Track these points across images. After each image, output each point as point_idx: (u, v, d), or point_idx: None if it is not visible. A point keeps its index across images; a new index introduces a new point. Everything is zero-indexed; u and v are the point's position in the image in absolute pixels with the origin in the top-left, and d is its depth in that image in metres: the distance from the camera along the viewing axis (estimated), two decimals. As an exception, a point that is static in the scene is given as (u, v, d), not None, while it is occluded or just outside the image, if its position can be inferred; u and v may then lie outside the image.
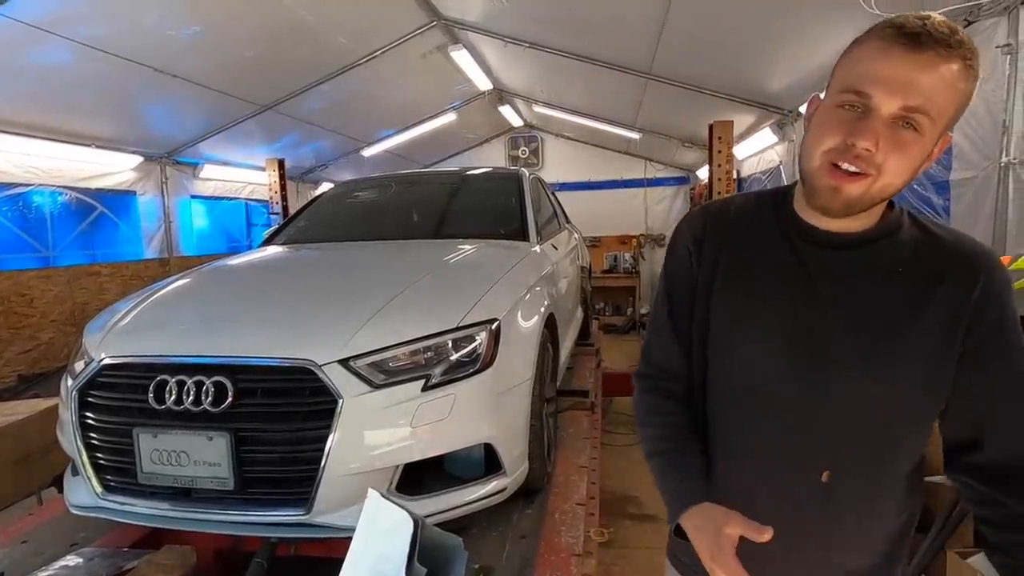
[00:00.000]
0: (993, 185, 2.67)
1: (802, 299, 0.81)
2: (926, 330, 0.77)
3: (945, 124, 0.72)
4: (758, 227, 0.87)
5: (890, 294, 0.78)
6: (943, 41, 0.67)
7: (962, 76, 0.69)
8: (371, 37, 5.33)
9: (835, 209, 0.76)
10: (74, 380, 1.73)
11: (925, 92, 0.68)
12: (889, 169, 0.71)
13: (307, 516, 1.51)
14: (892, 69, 0.69)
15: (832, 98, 0.75)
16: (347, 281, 2.10)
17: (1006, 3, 2.52)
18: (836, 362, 0.79)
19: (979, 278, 0.76)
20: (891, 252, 0.80)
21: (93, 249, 5.70)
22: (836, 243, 0.81)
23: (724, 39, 4.28)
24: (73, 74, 4.23)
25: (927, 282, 0.77)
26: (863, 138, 0.70)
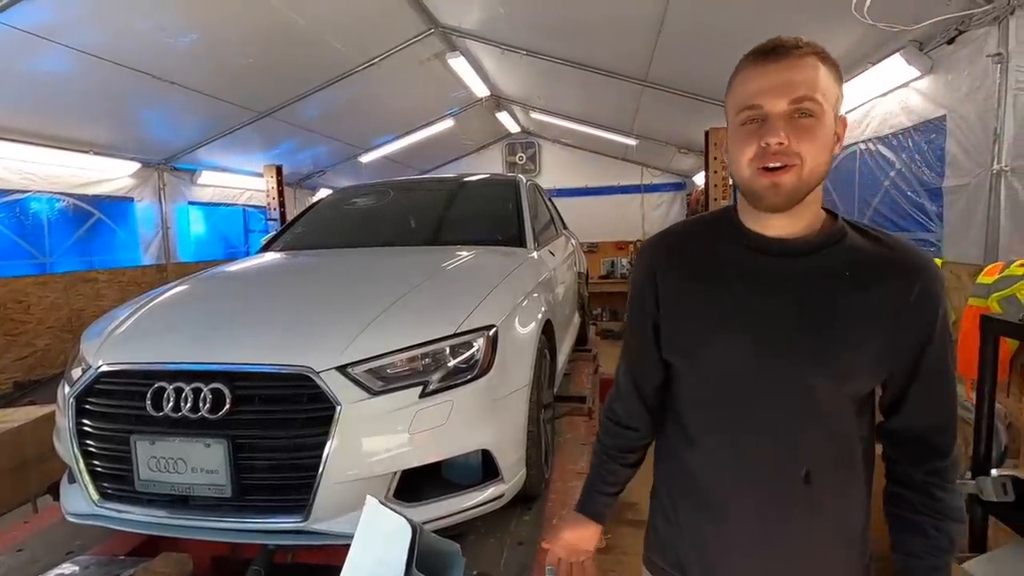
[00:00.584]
0: (985, 192, 2.70)
1: (758, 307, 0.88)
2: (871, 328, 0.84)
3: (832, 106, 0.83)
4: (712, 245, 0.94)
5: (837, 298, 0.85)
6: (793, 46, 0.82)
7: (822, 65, 0.82)
8: (369, 44, 5.36)
9: (780, 203, 0.84)
10: (71, 387, 1.73)
11: (801, 84, 0.80)
12: (807, 153, 0.81)
13: (305, 523, 1.51)
14: (767, 79, 0.82)
15: (735, 120, 0.86)
16: (345, 288, 2.10)
17: (996, 13, 2.56)
18: (795, 363, 0.86)
19: (916, 281, 0.84)
20: (837, 258, 0.87)
21: (90, 255, 5.69)
22: (786, 251, 0.88)
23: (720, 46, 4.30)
24: (71, 81, 4.24)
25: (871, 285, 0.85)
26: (772, 136, 0.80)
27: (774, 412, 0.88)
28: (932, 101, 3.19)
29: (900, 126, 3.55)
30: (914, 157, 3.42)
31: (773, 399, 0.87)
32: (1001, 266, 2.48)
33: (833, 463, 0.88)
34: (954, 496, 0.89)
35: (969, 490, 1.77)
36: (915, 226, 3.47)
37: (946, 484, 0.88)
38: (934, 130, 3.21)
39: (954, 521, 0.88)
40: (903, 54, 3.17)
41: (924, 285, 0.84)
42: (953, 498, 0.89)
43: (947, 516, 0.88)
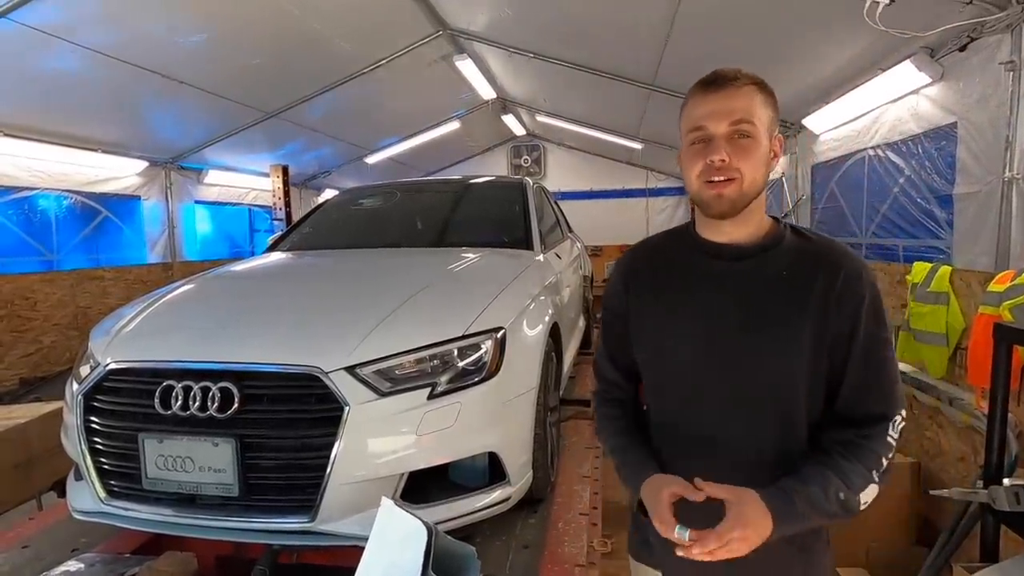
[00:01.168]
0: (997, 200, 2.68)
1: (704, 305, 1.02)
2: (804, 327, 0.96)
3: (768, 126, 0.97)
4: (673, 253, 1.10)
5: (776, 294, 0.98)
6: (731, 77, 0.97)
7: (758, 93, 0.97)
8: (377, 46, 5.37)
9: (725, 210, 0.98)
10: (79, 384, 1.73)
11: (739, 110, 0.95)
12: (745, 168, 0.95)
13: (311, 523, 1.51)
14: (710, 105, 0.97)
15: (685, 141, 1.01)
16: (353, 288, 2.10)
17: (1008, 20, 2.55)
18: (740, 352, 0.98)
19: (838, 275, 0.96)
20: (776, 260, 1.01)
21: (97, 253, 5.71)
22: (733, 255, 1.02)
23: (728, 52, 4.31)
24: (80, 79, 4.26)
25: (805, 281, 0.97)
26: (715, 154, 0.95)
27: (724, 396, 1.00)
28: (943, 108, 3.17)
29: (910, 133, 3.53)
30: (924, 164, 3.40)
31: (722, 385, 1.00)
32: (1013, 274, 2.46)
33: (782, 442, 0.98)
34: (881, 446, 0.94)
35: (981, 499, 1.75)
36: (925, 233, 3.46)
37: (877, 441, 0.95)
38: (944, 137, 3.20)
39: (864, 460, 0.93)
40: (914, 60, 3.16)
41: (848, 275, 0.96)
42: (879, 445, 0.94)
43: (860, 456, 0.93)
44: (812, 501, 0.89)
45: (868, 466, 0.92)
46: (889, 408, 0.96)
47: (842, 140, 4.49)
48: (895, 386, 0.98)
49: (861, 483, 0.91)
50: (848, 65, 3.78)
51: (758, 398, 0.98)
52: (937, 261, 3.16)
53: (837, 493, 0.90)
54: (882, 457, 0.94)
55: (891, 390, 0.97)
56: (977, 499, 1.78)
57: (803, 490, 0.90)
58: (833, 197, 4.80)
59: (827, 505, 0.89)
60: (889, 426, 0.95)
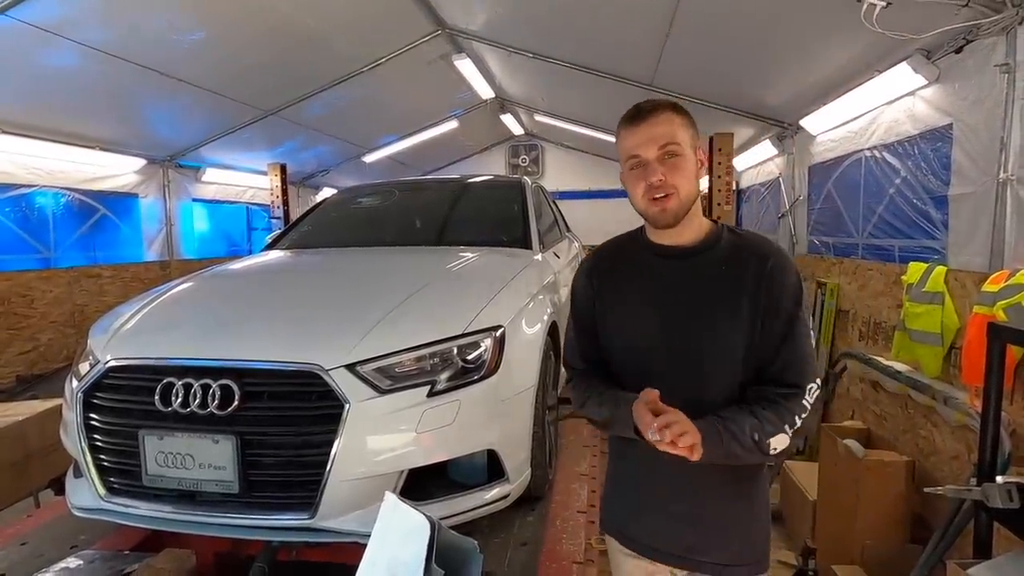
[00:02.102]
0: (991, 201, 2.70)
1: (658, 297, 1.20)
2: (741, 305, 1.13)
3: (690, 143, 1.15)
4: (628, 254, 1.28)
5: (714, 286, 1.16)
6: (652, 108, 1.15)
7: (676, 117, 1.15)
8: (376, 45, 5.37)
9: (670, 221, 1.16)
10: (79, 382, 1.73)
11: (663, 136, 1.13)
12: (679, 183, 1.13)
13: (311, 520, 1.51)
14: (639, 136, 1.14)
15: (625, 166, 1.19)
16: (352, 287, 2.11)
17: (1004, 23, 2.56)
18: (690, 335, 1.16)
19: (767, 263, 1.14)
20: (714, 257, 1.18)
21: (94, 251, 5.69)
22: (676, 254, 1.20)
23: (726, 53, 4.33)
24: (78, 77, 4.25)
25: (739, 272, 1.15)
26: (653, 176, 1.13)
27: (679, 374, 1.16)
28: (938, 109, 3.19)
29: (906, 134, 3.55)
30: (920, 165, 3.42)
31: (677, 364, 1.16)
32: (1007, 274, 2.48)
33: (726, 404, 1.13)
34: (796, 407, 1.10)
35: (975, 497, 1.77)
36: (920, 233, 3.47)
37: (793, 402, 1.10)
38: (940, 138, 3.22)
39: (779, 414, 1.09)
40: (910, 62, 3.18)
41: (774, 263, 1.14)
42: (794, 406, 1.10)
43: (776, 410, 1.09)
44: (732, 432, 1.06)
45: (781, 419, 1.09)
46: (802, 378, 1.12)
47: (839, 141, 4.51)
48: (809, 359, 1.15)
49: (772, 430, 1.08)
50: (845, 66, 3.79)
51: (707, 370, 1.15)
52: (932, 261, 3.18)
53: (752, 433, 1.07)
54: (795, 415, 1.10)
55: (805, 362, 1.14)
56: (971, 497, 1.80)
57: (728, 424, 1.07)
58: (830, 198, 4.82)
59: (743, 438, 1.06)
60: (804, 392, 1.12)
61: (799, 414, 1.11)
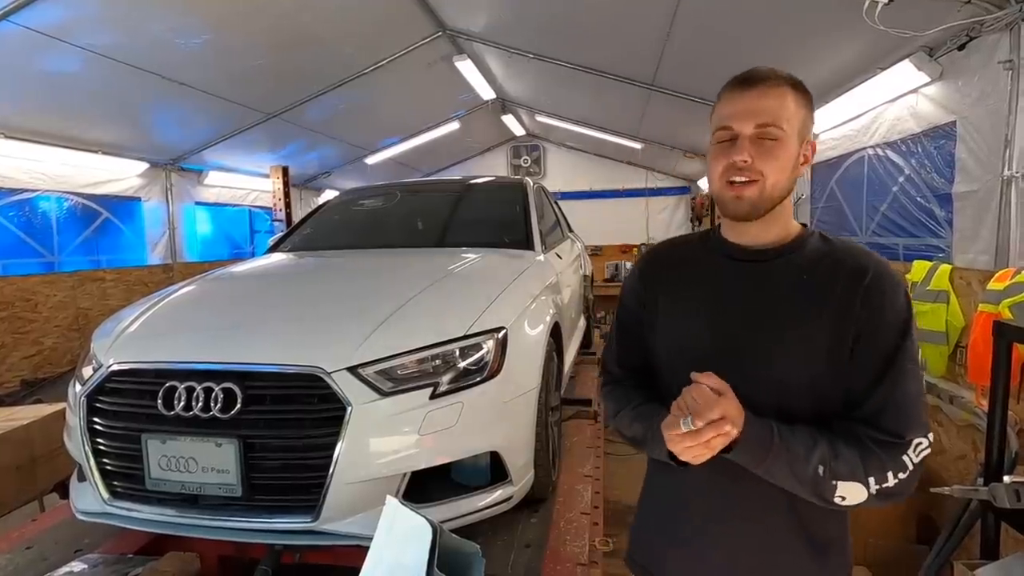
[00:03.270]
0: (996, 198, 2.69)
1: (717, 305, 1.00)
2: (822, 326, 0.92)
3: (798, 129, 0.95)
4: (693, 254, 1.09)
5: (795, 296, 0.95)
6: (765, 76, 0.94)
7: (790, 94, 0.94)
8: (377, 47, 5.38)
9: (743, 212, 0.96)
10: (83, 386, 1.73)
11: (767, 112, 0.93)
12: (768, 171, 0.93)
13: (314, 523, 1.51)
14: (739, 104, 0.95)
15: (712, 139, 1.00)
16: (354, 289, 2.11)
17: (1007, 19, 2.55)
18: (749, 352, 0.95)
19: (863, 278, 0.92)
20: (795, 263, 0.97)
21: (97, 255, 5.71)
22: (751, 257, 1.00)
23: (727, 52, 4.32)
24: (81, 81, 4.27)
25: (824, 285, 0.94)
26: (738, 154, 0.93)
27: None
28: (942, 107, 3.18)
29: (909, 131, 3.53)
30: (923, 163, 3.40)
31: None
32: (1012, 272, 2.46)
33: None
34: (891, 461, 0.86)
35: (981, 496, 1.76)
36: (924, 232, 3.46)
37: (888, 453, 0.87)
38: (944, 136, 3.20)
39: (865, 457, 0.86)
40: (913, 60, 3.16)
41: (873, 278, 0.92)
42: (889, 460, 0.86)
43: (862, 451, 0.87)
44: (790, 450, 0.86)
45: (866, 466, 0.86)
46: (904, 427, 0.87)
47: (841, 139, 4.50)
48: (915, 403, 0.89)
49: (846, 472, 0.85)
50: (847, 64, 3.78)
51: (766, 401, 0.92)
52: (937, 259, 3.16)
53: (817, 465, 0.85)
54: (887, 471, 0.86)
55: (910, 407, 0.89)
56: (978, 496, 1.79)
57: (788, 438, 0.86)
58: (833, 196, 4.80)
59: (801, 467, 0.85)
60: (906, 446, 0.87)
61: (894, 471, 0.86)
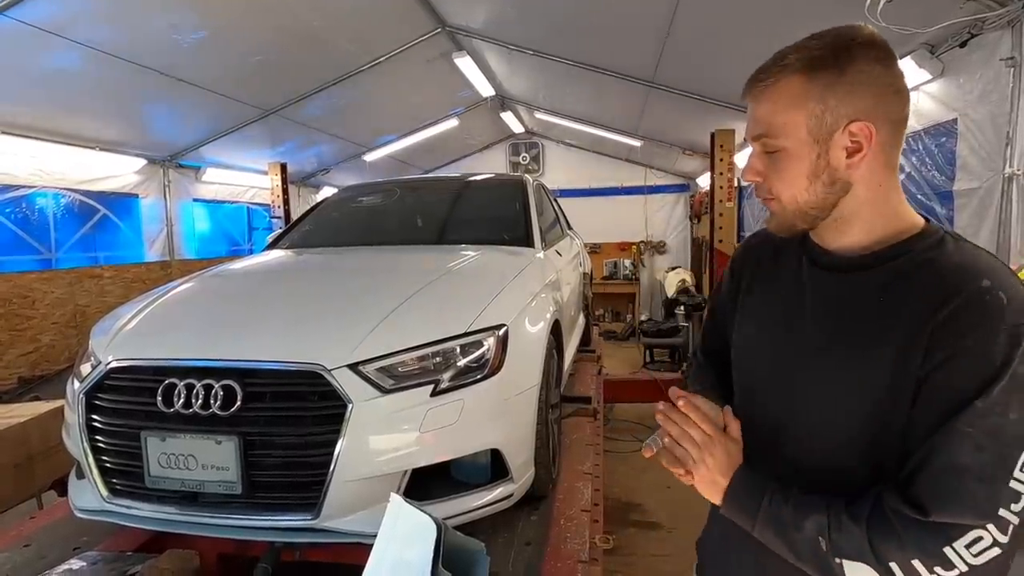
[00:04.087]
0: (997, 196, 2.69)
1: (785, 318, 0.86)
2: (888, 356, 0.72)
3: (810, 126, 0.75)
4: (784, 254, 0.92)
5: (865, 315, 0.76)
6: (764, 71, 0.78)
7: (797, 83, 0.75)
8: (376, 43, 5.35)
9: (775, 229, 0.84)
10: (81, 383, 1.72)
11: (759, 120, 0.78)
12: (777, 189, 0.79)
13: (315, 521, 1.51)
14: (748, 110, 0.81)
15: None
16: (355, 286, 2.10)
17: (1009, 16, 2.55)
18: (791, 384, 0.82)
19: (946, 303, 0.68)
20: (879, 279, 0.76)
21: (95, 251, 5.69)
22: (834, 266, 0.82)
23: (727, 49, 4.31)
24: (79, 77, 4.24)
25: (901, 303, 0.73)
26: (747, 172, 0.82)
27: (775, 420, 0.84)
28: (943, 104, 3.17)
29: (910, 129, 3.51)
30: (924, 160, 3.40)
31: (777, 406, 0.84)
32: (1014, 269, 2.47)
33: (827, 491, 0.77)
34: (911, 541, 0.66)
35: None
36: (924, 229, 3.47)
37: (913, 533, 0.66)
38: (944, 133, 3.20)
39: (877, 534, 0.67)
40: (914, 57, 3.16)
41: (960, 306, 0.68)
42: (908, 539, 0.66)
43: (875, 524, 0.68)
44: (780, 508, 0.74)
45: (875, 543, 0.67)
46: (936, 502, 0.65)
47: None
48: (965, 478, 0.65)
49: (849, 550, 0.68)
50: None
51: (810, 446, 0.79)
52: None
53: (814, 536, 0.70)
54: (911, 557, 0.66)
55: (956, 480, 0.65)
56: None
57: (781, 500, 0.74)
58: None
59: (792, 536, 0.72)
60: (943, 531, 0.65)
61: (925, 561, 0.65)
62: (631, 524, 3.52)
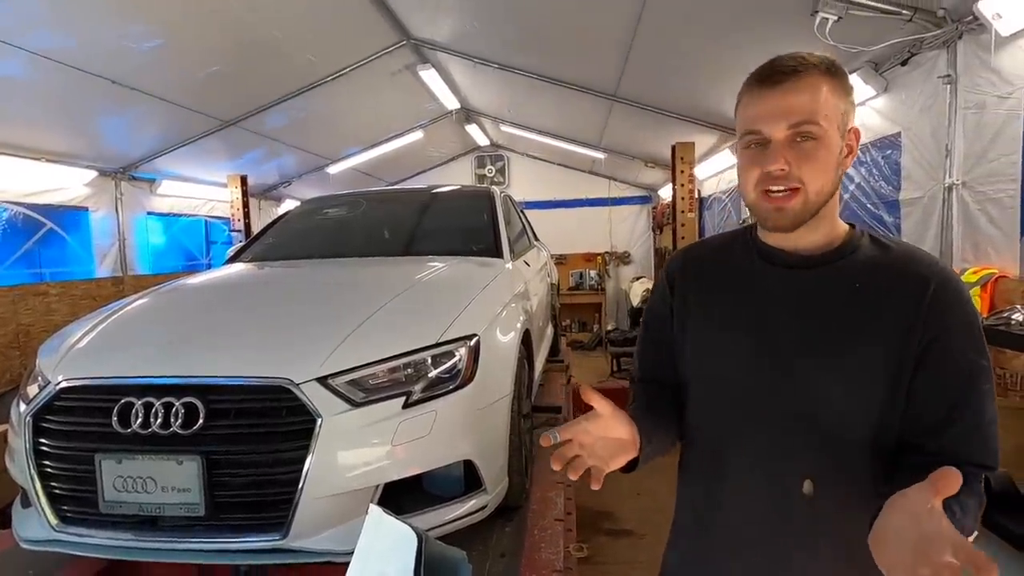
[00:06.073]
0: (939, 205, 2.85)
1: (760, 318, 0.89)
2: (882, 339, 0.81)
3: (839, 121, 0.83)
4: (730, 258, 0.97)
5: (847, 309, 0.84)
6: (794, 67, 0.82)
7: (825, 82, 0.82)
8: (339, 55, 5.31)
9: (785, 224, 0.85)
10: (28, 405, 1.63)
11: (800, 109, 0.81)
12: (809, 177, 0.82)
13: (283, 541, 1.45)
14: (767, 104, 0.83)
15: (740, 143, 0.88)
16: (322, 298, 2.06)
17: (945, 37, 2.72)
18: (799, 377, 0.84)
19: (927, 286, 0.82)
20: (849, 270, 0.86)
21: (40, 267, 5.40)
22: (796, 263, 0.89)
23: (687, 64, 4.45)
24: (24, 85, 4.05)
25: (882, 294, 0.83)
26: (772, 164, 0.82)
27: (773, 426, 0.86)
28: (888, 119, 3.36)
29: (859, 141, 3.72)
30: (872, 171, 3.58)
31: (772, 413, 0.86)
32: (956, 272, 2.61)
33: (835, 477, 0.83)
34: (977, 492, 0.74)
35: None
36: (874, 237, 3.64)
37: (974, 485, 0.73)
38: (890, 146, 3.38)
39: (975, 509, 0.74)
40: (860, 74, 3.33)
41: (939, 286, 0.81)
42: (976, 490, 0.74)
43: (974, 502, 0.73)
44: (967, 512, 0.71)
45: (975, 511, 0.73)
46: (987, 456, 0.77)
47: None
48: (993, 429, 0.79)
49: (972, 525, 0.72)
50: (798, 78, 3.95)
51: (814, 430, 0.82)
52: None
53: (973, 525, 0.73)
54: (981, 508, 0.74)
55: (989, 434, 0.79)
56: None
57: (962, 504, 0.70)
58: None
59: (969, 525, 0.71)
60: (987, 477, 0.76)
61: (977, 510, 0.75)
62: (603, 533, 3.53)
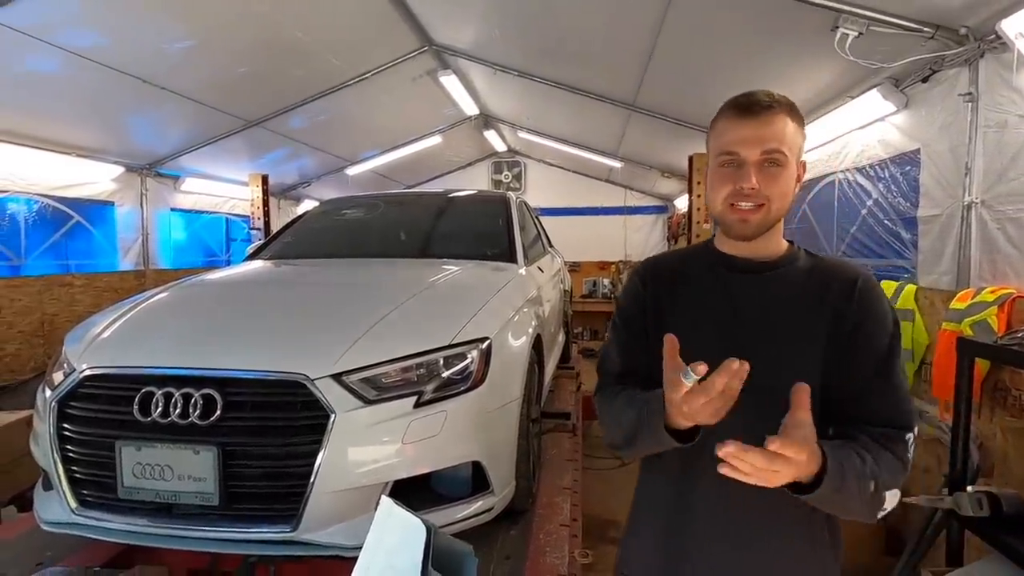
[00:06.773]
0: (957, 222, 2.82)
1: (727, 317, 1.04)
2: (823, 330, 0.99)
3: (797, 153, 1.01)
4: (691, 266, 1.13)
5: (793, 306, 1.02)
6: (766, 104, 0.98)
7: (790, 120, 0.99)
8: (363, 59, 5.40)
9: (747, 233, 1.02)
10: (53, 391, 1.68)
11: (772, 138, 0.97)
12: (773, 195, 0.99)
13: (294, 533, 1.49)
14: (744, 131, 0.98)
15: (714, 161, 1.04)
16: (338, 297, 2.10)
17: (967, 55, 2.70)
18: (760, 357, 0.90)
19: (854, 285, 1.01)
20: (790, 276, 1.05)
21: (67, 259, 5.54)
22: (750, 269, 1.06)
23: (706, 76, 4.46)
24: (58, 82, 4.18)
25: (821, 293, 1.02)
26: (746, 182, 0.97)
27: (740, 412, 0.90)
28: (907, 135, 3.33)
29: (877, 158, 3.69)
30: (890, 187, 3.55)
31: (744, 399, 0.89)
32: (973, 292, 2.58)
33: None
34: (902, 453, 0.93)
35: (947, 506, 1.82)
36: (891, 253, 3.60)
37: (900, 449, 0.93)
38: (909, 162, 3.35)
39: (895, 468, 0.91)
40: (880, 90, 3.31)
41: (863, 285, 1.01)
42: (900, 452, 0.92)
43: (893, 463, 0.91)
44: (856, 469, 0.86)
45: (894, 469, 0.91)
46: (910, 421, 0.96)
47: (813, 163, 4.66)
48: (910, 400, 0.99)
49: (889, 482, 0.90)
50: (819, 92, 3.94)
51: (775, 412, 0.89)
52: (903, 280, 3.29)
53: (871, 479, 0.88)
54: (903, 466, 0.92)
55: (907, 403, 0.98)
56: (943, 506, 1.85)
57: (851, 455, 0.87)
58: (805, 218, 4.96)
59: (863, 482, 0.86)
60: (908, 441, 0.94)
61: (902, 468, 0.93)
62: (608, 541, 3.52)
